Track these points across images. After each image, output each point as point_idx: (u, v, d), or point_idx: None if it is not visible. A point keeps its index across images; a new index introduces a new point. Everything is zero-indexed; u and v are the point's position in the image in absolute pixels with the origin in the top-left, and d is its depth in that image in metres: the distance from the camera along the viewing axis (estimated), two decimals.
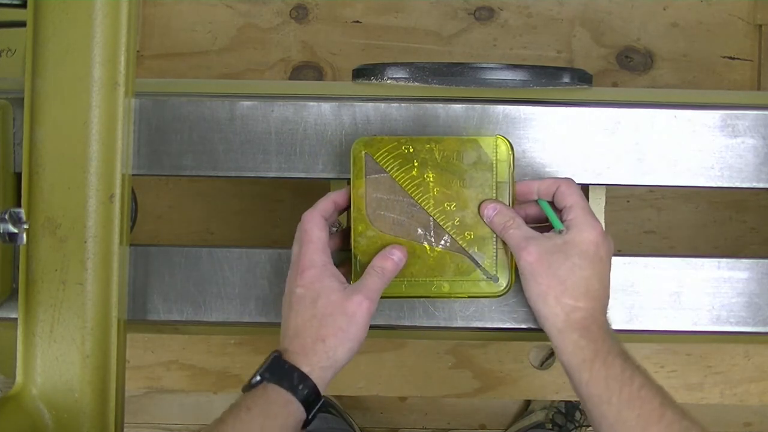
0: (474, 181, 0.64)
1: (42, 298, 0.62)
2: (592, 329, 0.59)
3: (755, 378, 0.77)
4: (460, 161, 0.64)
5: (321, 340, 0.59)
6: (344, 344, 0.59)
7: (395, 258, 0.62)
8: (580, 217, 0.61)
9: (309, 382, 0.58)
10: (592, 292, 0.60)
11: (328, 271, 0.60)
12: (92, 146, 0.62)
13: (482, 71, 0.69)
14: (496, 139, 0.64)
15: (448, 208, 0.64)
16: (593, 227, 0.60)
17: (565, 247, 0.60)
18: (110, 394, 0.63)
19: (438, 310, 0.68)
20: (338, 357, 0.59)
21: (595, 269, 0.60)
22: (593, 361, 0.58)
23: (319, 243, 0.61)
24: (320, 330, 0.59)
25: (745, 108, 0.68)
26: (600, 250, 0.60)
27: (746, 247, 1.17)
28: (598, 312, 0.60)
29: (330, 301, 0.59)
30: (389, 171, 0.64)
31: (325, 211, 0.62)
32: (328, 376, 0.59)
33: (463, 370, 0.78)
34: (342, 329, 0.59)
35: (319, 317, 0.59)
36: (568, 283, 0.59)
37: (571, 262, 0.59)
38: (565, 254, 0.60)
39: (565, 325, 0.59)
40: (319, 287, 0.60)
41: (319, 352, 0.59)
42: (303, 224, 0.62)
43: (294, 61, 1.23)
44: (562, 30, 1.23)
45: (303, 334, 0.59)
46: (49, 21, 0.61)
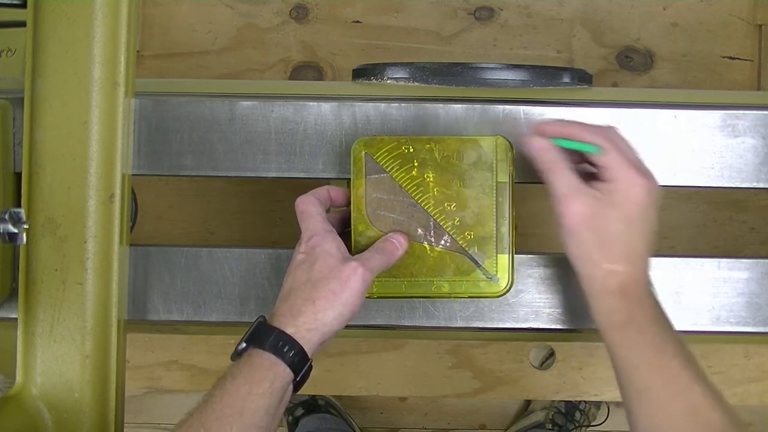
0: (474, 181, 0.64)
1: (42, 298, 0.62)
2: (629, 291, 0.57)
3: (755, 378, 0.77)
4: (460, 161, 0.64)
5: (311, 301, 0.57)
6: (334, 308, 0.57)
7: (397, 242, 0.62)
8: (626, 169, 0.57)
9: (294, 343, 0.57)
10: (633, 254, 0.57)
11: (330, 237, 0.60)
12: (92, 146, 0.62)
13: (482, 71, 0.69)
14: (496, 138, 0.64)
15: (449, 208, 0.64)
16: (639, 184, 0.57)
17: (609, 208, 0.57)
18: (110, 394, 0.63)
19: (438, 310, 0.68)
20: (326, 320, 0.57)
21: (639, 230, 0.57)
22: (627, 325, 0.56)
23: (318, 215, 0.61)
24: (312, 292, 0.58)
25: (745, 108, 0.68)
26: (645, 208, 0.57)
27: (746, 247, 1.17)
28: (638, 272, 0.58)
29: (326, 265, 0.58)
30: (389, 171, 0.64)
31: (318, 195, 0.62)
32: (315, 339, 0.57)
33: (463, 370, 0.78)
34: (334, 292, 0.58)
35: (314, 280, 0.58)
36: (609, 247, 0.57)
37: (614, 226, 0.57)
38: (609, 216, 0.57)
39: (601, 289, 0.58)
40: (318, 251, 0.59)
41: (307, 312, 0.57)
42: (298, 206, 0.61)
43: (294, 61, 1.23)
44: (562, 30, 1.23)
45: (294, 296, 0.58)
46: (49, 21, 0.61)
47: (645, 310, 0.57)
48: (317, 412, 1.30)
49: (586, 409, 1.33)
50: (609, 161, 0.58)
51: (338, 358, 0.78)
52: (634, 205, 0.57)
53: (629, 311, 0.57)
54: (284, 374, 0.56)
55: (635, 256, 0.58)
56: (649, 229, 0.58)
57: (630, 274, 0.57)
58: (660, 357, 0.55)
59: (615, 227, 0.57)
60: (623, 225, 0.57)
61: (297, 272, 0.60)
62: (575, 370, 0.78)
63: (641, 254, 0.58)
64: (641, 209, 0.57)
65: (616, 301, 0.57)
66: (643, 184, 0.57)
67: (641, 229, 0.58)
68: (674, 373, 0.55)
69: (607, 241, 0.57)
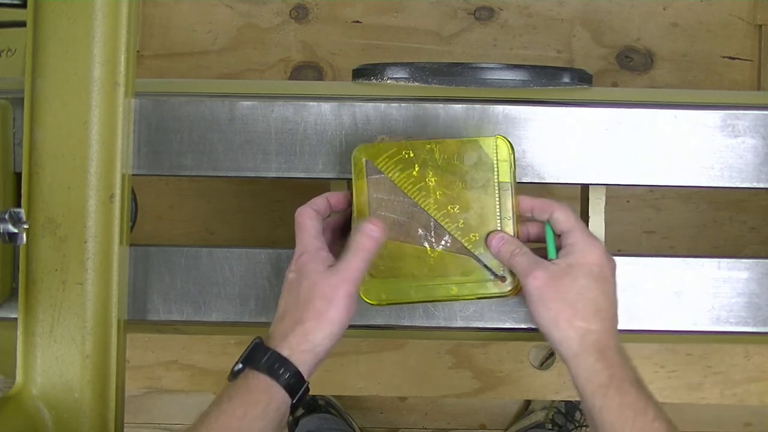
0: (476, 182, 0.64)
1: (42, 298, 0.62)
2: (607, 354, 0.58)
3: (755, 378, 0.76)
4: (461, 162, 0.64)
5: (300, 323, 0.58)
6: (323, 327, 0.58)
7: (374, 234, 0.61)
8: (581, 240, 0.60)
9: (289, 365, 0.57)
10: (602, 313, 0.59)
11: (318, 255, 0.60)
12: (92, 146, 0.62)
13: (482, 71, 0.69)
14: (496, 139, 0.64)
15: (452, 210, 0.64)
16: (596, 247, 0.60)
17: (570, 270, 0.59)
18: (110, 394, 0.63)
19: (438, 310, 0.68)
20: (317, 341, 0.58)
21: (602, 289, 0.60)
22: (608, 387, 0.57)
23: (313, 230, 0.61)
24: (300, 314, 0.58)
25: (745, 108, 0.68)
26: (604, 269, 0.60)
27: (746, 247, 1.17)
28: (609, 334, 0.59)
29: (310, 284, 0.59)
30: (390, 173, 0.64)
31: (317, 206, 0.62)
32: (309, 360, 0.58)
33: (463, 370, 0.78)
34: (321, 312, 0.58)
35: (302, 300, 0.59)
36: (578, 305, 0.59)
37: (578, 285, 0.59)
38: (572, 277, 0.59)
39: (580, 349, 0.58)
40: (305, 271, 0.59)
41: (298, 334, 0.58)
42: (296, 217, 0.62)
43: (294, 61, 1.24)
44: (562, 30, 1.23)
45: (287, 318, 0.59)
46: (49, 21, 0.61)
47: (624, 371, 0.58)
48: (317, 412, 1.30)
49: None
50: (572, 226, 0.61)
51: (338, 358, 0.78)
52: (592, 265, 0.60)
53: (609, 371, 0.57)
54: (280, 396, 0.57)
55: (605, 314, 0.59)
56: (611, 293, 0.60)
57: (603, 333, 0.59)
58: (642, 419, 0.56)
59: (579, 286, 0.59)
60: (587, 284, 0.59)
61: (288, 293, 0.60)
62: None
63: (610, 316, 0.60)
64: (599, 268, 0.60)
65: (595, 361, 0.58)
66: (599, 247, 0.61)
67: (605, 290, 0.60)
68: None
69: (575, 301, 0.59)
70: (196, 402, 1.43)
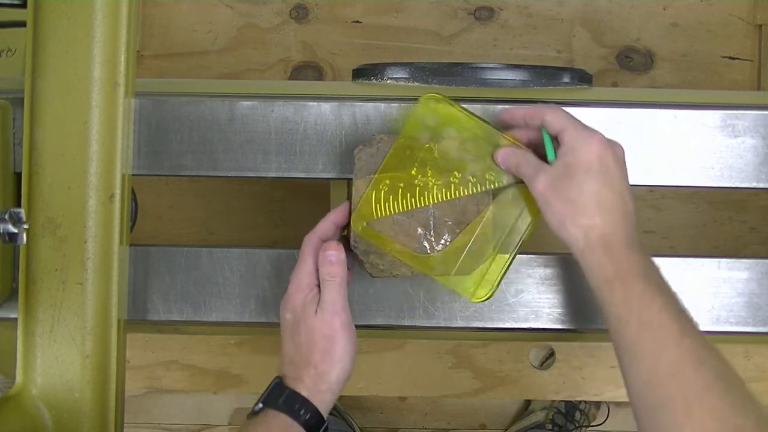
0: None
1: (42, 298, 0.62)
2: (613, 246, 0.57)
3: (755, 378, 0.77)
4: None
5: (312, 366, 0.60)
6: (334, 367, 0.60)
7: (333, 258, 0.61)
8: (575, 136, 0.59)
9: (309, 405, 0.59)
10: (605, 204, 0.58)
11: (311, 294, 0.61)
12: (92, 146, 0.62)
13: (482, 71, 0.69)
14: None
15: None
16: (590, 140, 0.59)
17: (568, 169, 0.59)
18: (110, 394, 0.63)
19: (438, 310, 0.68)
20: (332, 380, 0.60)
21: (603, 180, 0.58)
22: (613, 280, 0.56)
23: (310, 267, 0.62)
24: (308, 357, 0.60)
25: (745, 108, 0.68)
26: (604, 159, 0.58)
27: (746, 247, 1.17)
28: (618, 225, 0.58)
29: (308, 327, 0.60)
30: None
31: (323, 234, 0.63)
32: (328, 399, 0.60)
33: (463, 370, 0.78)
34: (327, 353, 0.60)
35: (305, 344, 0.60)
36: (579, 202, 0.58)
37: (577, 182, 0.58)
38: (570, 175, 0.58)
39: (585, 245, 0.58)
40: (301, 314, 0.61)
41: (313, 377, 0.60)
42: (302, 246, 0.63)
43: (294, 61, 1.23)
44: (562, 30, 1.23)
45: (296, 361, 0.61)
46: (49, 21, 0.61)
47: (631, 265, 0.56)
48: None
49: (586, 409, 1.33)
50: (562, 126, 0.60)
51: None
52: (590, 159, 0.58)
53: (615, 265, 0.56)
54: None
55: (608, 208, 0.58)
56: (615, 183, 0.59)
57: (609, 227, 0.57)
58: (648, 310, 0.54)
59: (579, 185, 0.58)
60: (586, 180, 0.58)
61: (289, 334, 0.62)
62: (575, 370, 0.78)
63: (615, 207, 0.58)
64: (598, 161, 0.58)
65: (601, 256, 0.57)
66: (595, 140, 0.59)
67: (606, 182, 0.58)
68: (663, 328, 0.54)
69: (577, 200, 0.58)
70: (196, 402, 1.43)
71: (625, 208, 0.59)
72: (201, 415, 1.38)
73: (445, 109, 0.64)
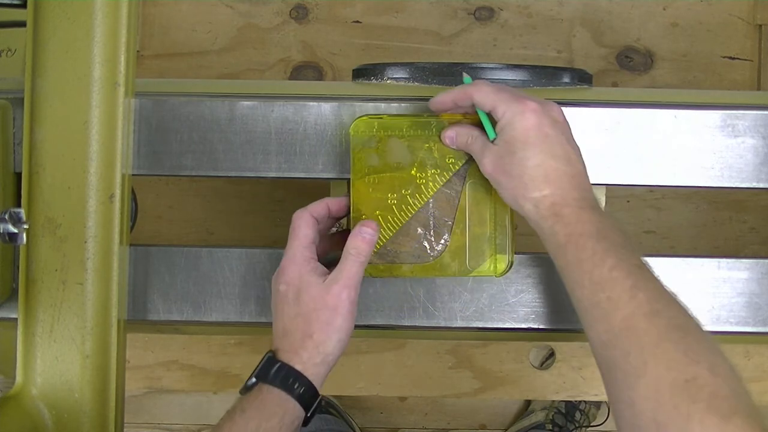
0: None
1: (42, 298, 0.62)
2: (563, 212, 0.56)
3: (755, 378, 0.76)
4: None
5: (309, 336, 0.58)
6: (332, 337, 0.59)
7: (367, 236, 0.61)
8: (507, 111, 0.58)
9: (303, 379, 0.58)
10: (551, 174, 0.57)
11: (309, 266, 0.60)
12: (92, 146, 0.62)
13: (482, 71, 0.69)
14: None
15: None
16: (522, 112, 0.57)
17: (508, 146, 0.58)
18: (110, 394, 0.63)
19: (438, 310, 0.68)
20: (328, 351, 0.59)
21: (544, 149, 0.57)
22: (566, 244, 0.56)
23: (305, 240, 0.61)
24: (306, 327, 0.59)
25: (745, 108, 0.68)
26: (542, 128, 0.57)
27: (746, 247, 1.17)
28: (566, 190, 0.57)
29: (311, 297, 0.59)
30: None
31: (315, 212, 0.62)
32: (323, 372, 0.59)
33: (463, 370, 0.78)
34: (328, 323, 0.58)
35: (304, 314, 0.59)
36: (525, 178, 0.57)
37: (518, 158, 0.57)
38: (510, 152, 0.58)
39: (538, 216, 0.57)
40: (299, 283, 0.59)
41: (309, 348, 0.58)
42: (293, 220, 0.62)
43: (294, 61, 1.23)
44: (562, 30, 1.23)
45: (291, 333, 0.59)
46: (49, 21, 0.61)
47: (583, 227, 0.56)
48: (317, 413, 1.30)
49: (586, 409, 1.33)
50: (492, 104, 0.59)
51: None
52: (526, 131, 0.57)
53: (566, 231, 0.56)
54: (294, 410, 0.57)
55: (555, 177, 0.57)
56: (557, 148, 0.58)
57: (558, 195, 0.57)
58: (599, 270, 0.53)
59: (521, 160, 0.58)
60: (526, 154, 0.57)
61: (284, 307, 0.60)
62: (575, 370, 0.78)
63: (561, 173, 0.57)
64: (535, 131, 0.57)
65: (553, 223, 0.57)
66: (527, 109, 0.58)
67: (547, 150, 0.57)
68: (616, 284, 0.53)
69: (523, 174, 0.58)
70: (196, 402, 1.43)
71: (572, 171, 0.58)
72: (201, 415, 1.38)
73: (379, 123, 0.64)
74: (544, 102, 0.59)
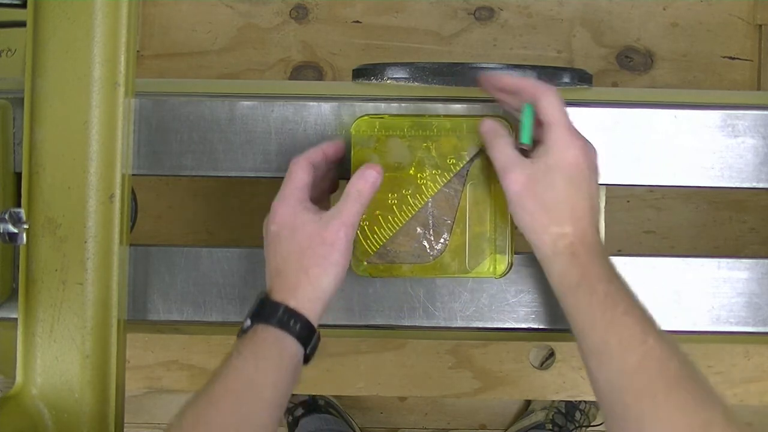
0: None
1: (42, 298, 0.62)
2: (579, 253, 0.57)
3: (755, 378, 0.77)
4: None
5: (303, 271, 0.57)
6: (328, 272, 0.58)
7: (371, 179, 0.60)
8: (563, 138, 0.58)
9: (299, 316, 0.57)
10: (578, 213, 0.57)
11: (302, 206, 0.59)
12: (92, 146, 0.62)
13: (482, 71, 0.69)
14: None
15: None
16: (574, 146, 0.58)
17: (549, 172, 0.57)
18: (110, 394, 0.63)
19: (438, 310, 0.68)
20: (324, 286, 0.58)
21: (580, 189, 0.58)
22: (578, 286, 0.56)
23: (299, 182, 0.60)
24: (301, 262, 0.58)
25: (745, 108, 0.68)
26: (583, 169, 0.58)
27: (746, 247, 1.17)
28: (586, 232, 0.58)
29: (307, 233, 0.58)
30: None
31: (312, 158, 0.61)
32: (318, 308, 0.58)
33: (463, 370, 0.78)
34: (324, 257, 0.58)
35: (298, 250, 0.58)
36: (554, 211, 0.57)
37: (556, 189, 0.57)
38: (550, 180, 0.57)
39: (552, 252, 0.58)
40: (294, 222, 0.59)
41: (304, 283, 0.57)
42: (289, 166, 0.61)
43: (294, 61, 1.24)
44: (562, 30, 1.23)
45: (285, 270, 0.58)
46: (49, 21, 0.61)
47: (595, 270, 0.56)
48: (317, 413, 1.30)
49: (586, 409, 1.33)
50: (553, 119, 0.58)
51: (338, 358, 0.78)
52: (572, 166, 0.58)
53: (580, 272, 0.56)
54: (292, 347, 0.56)
55: (580, 216, 0.58)
56: (591, 191, 0.58)
57: (578, 235, 0.57)
58: (611, 313, 0.54)
59: (556, 190, 0.57)
60: (564, 187, 0.57)
61: (278, 245, 0.59)
62: (575, 370, 0.78)
63: (586, 215, 0.58)
64: (578, 170, 0.58)
65: (567, 263, 0.57)
66: (579, 145, 0.58)
67: (583, 190, 0.58)
68: (627, 329, 0.53)
69: (552, 205, 0.57)
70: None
71: (594, 215, 0.59)
72: None
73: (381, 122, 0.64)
74: (587, 140, 0.59)
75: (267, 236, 0.60)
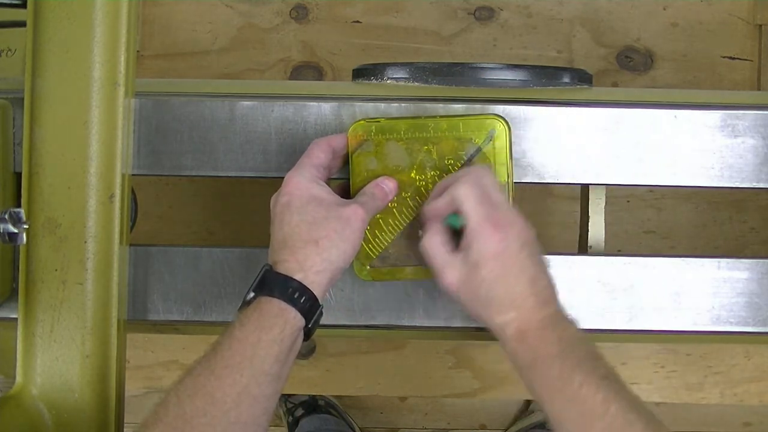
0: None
1: (42, 298, 0.62)
2: (527, 336, 0.56)
3: (755, 378, 0.77)
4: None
5: (313, 242, 0.56)
6: (338, 246, 0.57)
7: (386, 188, 0.61)
8: (480, 232, 0.57)
9: (303, 288, 0.56)
10: (518, 300, 0.57)
11: (316, 181, 0.59)
12: (92, 146, 0.62)
13: (482, 71, 0.69)
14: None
15: None
16: (493, 238, 0.56)
17: (476, 268, 0.57)
18: (110, 394, 0.63)
19: (438, 310, 0.68)
20: (333, 259, 0.57)
21: (513, 272, 0.57)
22: (533, 365, 0.56)
23: (316, 160, 0.60)
24: (311, 232, 0.56)
25: (745, 108, 0.68)
26: (512, 254, 0.57)
27: (746, 247, 1.17)
28: (532, 312, 0.57)
29: (322, 206, 0.57)
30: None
31: (335, 142, 0.62)
32: (324, 281, 0.57)
33: (463, 370, 0.78)
34: (336, 231, 0.57)
35: (309, 221, 0.57)
36: (493, 302, 0.57)
37: (486, 284, 0.57)
38: (479, 277, 0.57)
39: (501, 338, 0.58)
40: (307, 194, 0.58)
41: (312, 255, 0.56)
42: (310, 145, 0.61)
43: (294, 61, 1.24)
44: (562, 30, 1.23)
45: (292, 240, 0.57)
46: (49, 21, 0.61)
47: (547, 350, 0.56)
48: (317, 413, 1.30)
49: None
50: (466, 220, 0.58)
51: (338, 358, 0.78)
52: (495, 257, 0.57)
53: (532, 353, 0.56)
54: (295, 320, 0.55)
55: (521, 300, 0.57)
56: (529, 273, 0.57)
57: (523, 320, 0.57)
58: (569, 388, 0.54)
59: (487, 285, 0.57)
60: (493, 280, 0.57)
61: (284, 216, 0.58)
62: None
63: (528, 297, 0.57)
64: (504, 257, 0.57)
65: (518, 346, 0.57)
66: (499, 235, 0.57)
67: (514, 275, 0.57)
68: (585, 404, 0.53)
69: (488, 299, 0.57)
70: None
71: (536, 290, 0.57)
72: None
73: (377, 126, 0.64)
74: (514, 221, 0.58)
75: (275, 207, 0.59)
